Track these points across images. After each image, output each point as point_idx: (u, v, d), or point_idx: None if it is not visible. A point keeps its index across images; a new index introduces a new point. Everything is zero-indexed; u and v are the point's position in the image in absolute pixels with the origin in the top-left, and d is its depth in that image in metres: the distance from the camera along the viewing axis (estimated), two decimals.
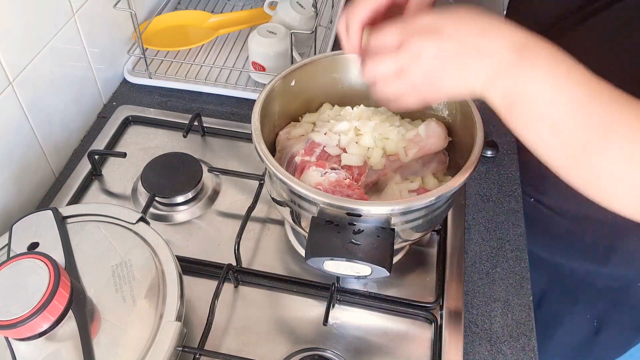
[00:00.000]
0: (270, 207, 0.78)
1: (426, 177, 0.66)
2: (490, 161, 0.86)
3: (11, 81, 0.71)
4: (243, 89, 0.96)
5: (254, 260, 0.72)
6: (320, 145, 0.66)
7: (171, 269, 0.57)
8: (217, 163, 0.83)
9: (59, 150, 0.84)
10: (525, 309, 0.69)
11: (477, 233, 0.77)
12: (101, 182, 0.81)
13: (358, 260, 0.53)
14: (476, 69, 0.47)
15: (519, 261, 0.74)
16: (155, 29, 1.01)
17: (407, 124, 0.71)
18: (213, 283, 0.67)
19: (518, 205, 0.80)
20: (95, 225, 0.60)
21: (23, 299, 0.47)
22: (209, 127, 0.88)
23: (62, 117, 0.83)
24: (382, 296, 0.68)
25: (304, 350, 0.64)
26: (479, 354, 0.65)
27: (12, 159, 0.74)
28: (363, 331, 0.66)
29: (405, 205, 0.55)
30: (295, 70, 0.68)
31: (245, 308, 0.68)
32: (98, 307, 0.54)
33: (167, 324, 0.53)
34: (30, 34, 0.73)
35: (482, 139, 0.60)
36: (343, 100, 0.73)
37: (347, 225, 0.55)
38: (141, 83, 0.97)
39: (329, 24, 1.09)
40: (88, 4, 0.84)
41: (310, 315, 0.67)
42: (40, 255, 0.50)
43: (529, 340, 0.66)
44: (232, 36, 1.06)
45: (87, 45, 0.86)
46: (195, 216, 0.77)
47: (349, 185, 0.61)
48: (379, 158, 0.66)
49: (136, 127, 0.90)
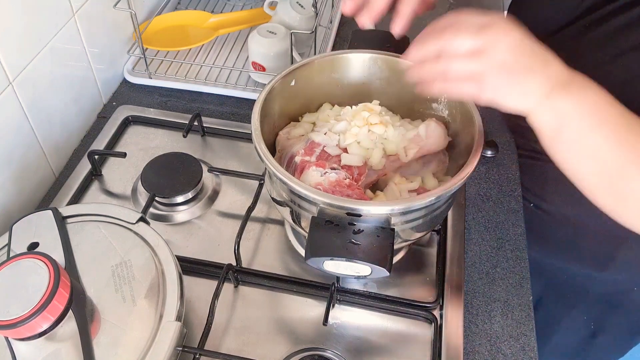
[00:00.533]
0: (270, 207, 0.78)
1: (426, 177, 0.66)
2: (490, 161, 0.86)
3: (11, 81, 0.71)
4: (243, 89, 0.96)
5: (254, 260, 0.72)
6: (320, 145, 0.66)
7: (171, 269, 0.57)
8: (217, 163, 0.83)
9: (59, 150, 0.84)
10: (525, 308, 0.69)
11: (477, 233, 0.77)
12: (101, 182, 0.81)
13: (358, 260, 0.53)
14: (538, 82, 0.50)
15: (519, 261, 0.74)
16: (155, 29, 1.01)
17: (407, 124, 0.71)
18: (213, 283, 0.67)
19: (518, 205, 0.80)
20: (95, 225, 0.60)
21: (23, 299, 0.47)
22: (209, 127, 0.88)
23: (62, 117, 0.83)
24: (382, 296, 0.68)
25: (304, 350, 0.64)
26: (479, 353, 0.65)
27: (12, 159, 0.74)
28: (363, 331, 0.66)
29: (405, 205, 0.55)
30: (295, 70, 0.68)
31: (245, 308, 0.68)
32: (98, 307, 0.54)
33: (167, 324, 0.53)
34: (30, 34, 0.73)
35: (482, 139, 0.60)
36: (343, 100, 0.73)
37: (347, 225, 0.55)
38: (141, 83, 0.97)
39: (329, 24, 1.09)
40: (88, 4, 0.84)
41: (310, 315, 0.67)
42: (40, 255, 0.50)
43: (529, 340, 0.66)
44: (232, 36, 1.06)
45: (87, 45, 0.86)
46: (195, 216, 0.77)
47: (349, 185, 0.61)
48: (379, 158, 0.66)
49: (136, 127, 0.90)
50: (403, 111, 0.73)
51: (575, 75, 0.51)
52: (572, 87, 0.50)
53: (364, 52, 0.70)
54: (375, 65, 0.71)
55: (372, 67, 0.71)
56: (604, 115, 0.50)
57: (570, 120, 0.50)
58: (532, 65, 0.50)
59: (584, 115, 0.50)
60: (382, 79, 0.72)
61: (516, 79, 0.49)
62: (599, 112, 0.50)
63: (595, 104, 0.50)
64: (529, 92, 0.50)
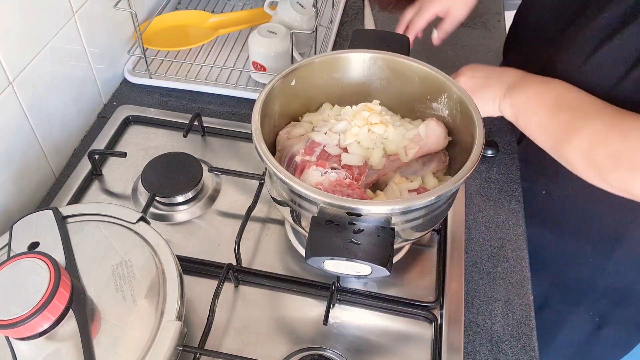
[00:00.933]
0: (270, 206, 0.78)
1: (426, 176, 0.66)
2: (490, 161, 0.86)
3: (11, 81, 0.71)
4: (243, 89, 0.96)
5: (254, 259, 0.72)
6: (320, 145, 0.66)
7: (171, 268, 0.57)
8: (217, 163, 0.83)
9: (59, 150, 0.84)
10: (526, 308, 0.69)
11: (477, 233, 0.77)
12: (101, 182, 0.81)
13: (358, 260, 0.53)
14: (493, 91, 0.72)
15: (520, 261, 0.74)
16: (156, 29, 1.01)
17: (407, 124, 0.71)
18: (213, 283, 0.67)
19: (518, 205, 0.80)
20: (96, 225, 0.60)
21: (23, 299, 0.47)
22: (209, 127, 0.88)
23: (62, 117, 0.83)
24: (382, 296, 0.68)
25: (304, 349, 0.64)
26: (480, 353, 0.65)
27: (12, 159, 0.74)
28: (363, 331, 0.66)
29: (405, 204, 0.55)
30: (295, 70, 0.68)
31: (246, 308, 0.68)
32: (98, 307, 0.54)
33: (167, 324, 0.53)
34: (30, 34, 0.73)
35: (483, 139, 0.60)
36: (343, 100, 0.73)
37: (347, 225, 0.55)
38: (141, 83, 0.97)
39: (329, 23, 1.09)
40: (88, 4, 0.84)
41: (311, 314, 0.67)
42: (41, 255, 0.50)
43: (529, 339, 0.66)
44: (232, 36, 1.06)
45: (87, 45, 0.86)
46: (196, 216, 0.77)
47: (349, 185, 0.61)
48: (379, 158, 0.66)
49: (136, 127, 0.90)
50: (403, 111, 0.73)
51: (526, 76, 0.71)
52: (520, 86, 0.70)
53: (364, 52, 0.70)
54: (375, 65, 0.71)
55: (372, 67, 0.71)
56: (543, 100, 0.67)
57: (522, 108, 0.69)
58: (486, 82, 0.73)
59: (528, 103, 0.68)
60: (382, 79, 0.72)
61: (476, 95, 0.67)
62: (539, 98, 0.68)
63: (535, 94, 0.68)
64: (487, 100, 0.72)
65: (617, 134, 0.61)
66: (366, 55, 0.70)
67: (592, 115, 0.63)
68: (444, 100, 0.68)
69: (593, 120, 0.63)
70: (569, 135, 0.64)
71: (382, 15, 1.17)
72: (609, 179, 0.62)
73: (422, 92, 0.70)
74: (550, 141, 0.67)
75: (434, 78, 0.68)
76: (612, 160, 0.61)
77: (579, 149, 0.63)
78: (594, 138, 0.62)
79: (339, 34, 1.09)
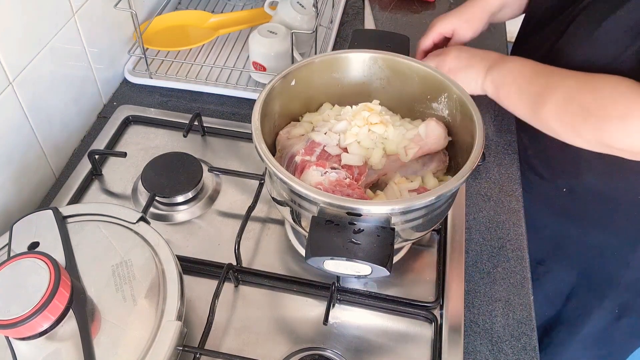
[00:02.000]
0: (270, 206, 0.78)
1: (426, 176, 0.66)
2: (490, 161, 0.86)
3: (11, 81, 0.71)
4: (243, 89, 0.96)
5: (254, 259, 0.72)
6: (321, 145, 0.66)
7: (171, 268, 0.57)
8: (217, 163, 0.83)
9: (59, 150, 0.84)
10: (527, 308, 0.69)
11: (477, 233, 0.77)
12: (101, 182, 0.81)
13: (358, 260, 0.53)
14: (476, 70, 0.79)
15: (520, 261, 0.74)
16: (156, 29, 1.01)
17: (407, 124, 0.71)
18: (213, 283, 0.67)
19: (519, 205, 0.80)
20: (96, 225, 0.60)
21: (23, 299, 0.47)
22: (209, 127, 0.88)
23: (62, 117, 0.84)
24: (382, 296, 0.68)
25: (304, 349, 0.64)
26: (480, 353, 0.65)
27: (12, 159, 0.74)
28: (363, 331, 0.66)
29: (405, 204, 0.55)
30: (295, 70, 0.68)
31: (246, 308, 0.68)
32: (98, 307, 0.54)
33: (167, 324, 0.53)
34: (30, 34, 0.73)
35: (483, 139, 0.60)
36: (343, 100, 0.74)
37: (348, 225, 0.55)
38: (141, 83, 0.97)
39: (330, 23, 1.09)
40: (88, 4, 0.84)
41: (311, 314, 0.67)
42: (41, 255, 0.50)
43: (530, 339, 0.66)
44: (232, 36, 1.06)
45: (87, 45, 0.86)
46: (196, 216, 0.77)
47: (349, 185, 0.61)
48: (379, 158, 0.66)
49: (136, 127, 0.90)
50: (403, 111, 0.73)
51: (506, 56, 0.79)
52: (500, 63, 0.77)
53: (364, 52, 0.70)
54: (375, 65, 0.71)
55: (372, 66, 0.71)
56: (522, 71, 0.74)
57: (501, 82, 0.76)
58: (470, 62, 0.79)
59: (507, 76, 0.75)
60: (382, 79, 0.72)
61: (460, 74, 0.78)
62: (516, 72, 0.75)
63: (514, 68, 0.75)
64: (471, 79, 0.79)
65: (588, 89, 0.67)
66: (366, 55, 0.70)
67: (565, 76, 0.70)
68: (444, 100, 0.68)
69: (567, 79, 0.69)
70: (544, 97, 0.70)
71: (382, 15, 1.17)
72: (582, 132, 0.67)
73: (422, 92, 0.70)
74: (529, 104, 0.72)
75: (434, 78, 0.68)
76: (583, 112, 0.66)
77: (554, 106, 0.69)
78: (567, 94, 0.68)
79: (339, 34, 1.09)
